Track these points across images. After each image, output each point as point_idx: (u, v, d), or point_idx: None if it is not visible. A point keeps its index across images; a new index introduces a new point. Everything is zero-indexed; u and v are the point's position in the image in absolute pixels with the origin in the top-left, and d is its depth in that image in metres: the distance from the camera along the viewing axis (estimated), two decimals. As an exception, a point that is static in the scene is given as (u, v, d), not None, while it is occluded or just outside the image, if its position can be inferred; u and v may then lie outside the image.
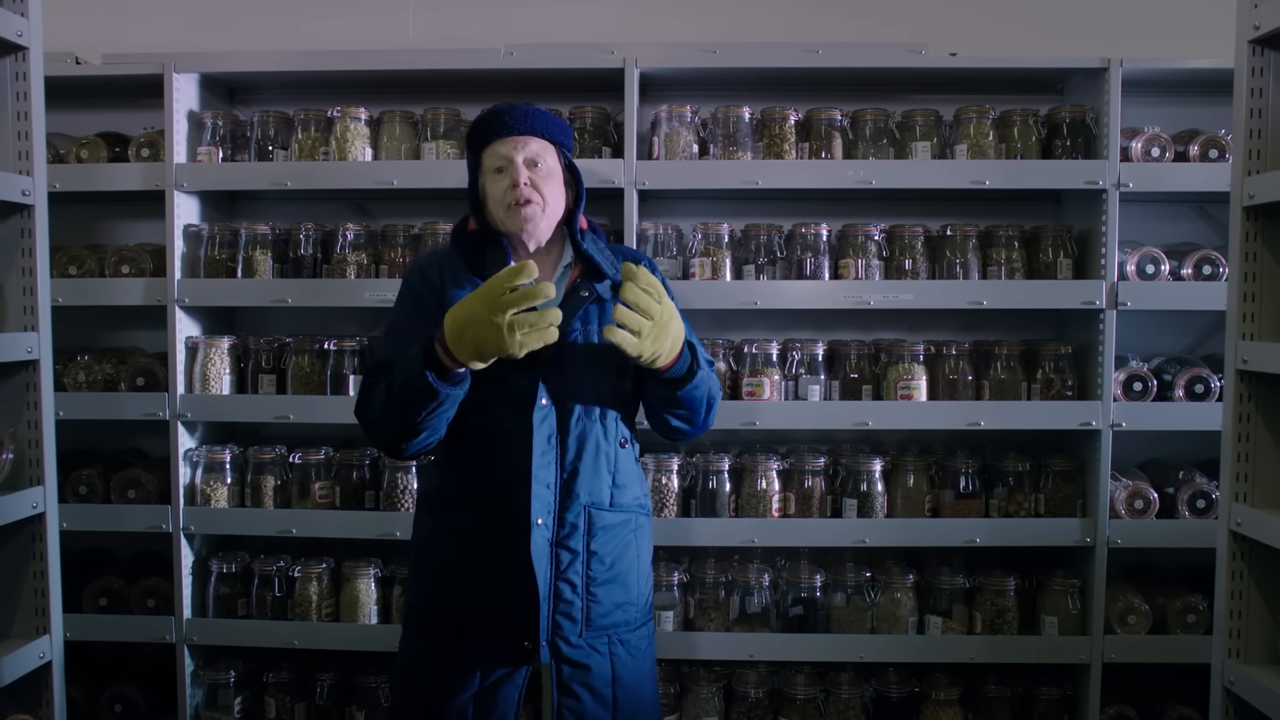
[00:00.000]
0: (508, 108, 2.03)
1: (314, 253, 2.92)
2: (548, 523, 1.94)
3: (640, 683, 2.04)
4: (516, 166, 1.97)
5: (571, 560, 1.95)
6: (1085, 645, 2.77)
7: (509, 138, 1.99)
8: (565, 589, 1.95)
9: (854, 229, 2.84)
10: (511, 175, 1.96)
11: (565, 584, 1.95)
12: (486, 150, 2.01)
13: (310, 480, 2.86)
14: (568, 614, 1.95)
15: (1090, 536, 2.77)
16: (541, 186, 1.98)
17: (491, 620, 1.95)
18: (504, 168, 1.98)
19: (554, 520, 1.94)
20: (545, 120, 2.03)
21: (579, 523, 1.96)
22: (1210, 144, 2.78)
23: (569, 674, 1.95)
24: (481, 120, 2.04)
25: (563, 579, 1.95)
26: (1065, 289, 2.77)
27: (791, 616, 2.81)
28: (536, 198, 1.97)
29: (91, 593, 2.91)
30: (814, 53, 2.84)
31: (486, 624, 1.96)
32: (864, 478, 2.81)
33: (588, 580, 1.97)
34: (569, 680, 1.95)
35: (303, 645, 2.83)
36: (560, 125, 2.07)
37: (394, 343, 1.99)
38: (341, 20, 3.23)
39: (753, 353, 2.82)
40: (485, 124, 2.03)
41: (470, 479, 1.99)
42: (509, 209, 1.97)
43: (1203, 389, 2.78)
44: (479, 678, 1.95)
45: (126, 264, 2.91)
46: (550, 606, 1.94)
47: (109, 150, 2.92)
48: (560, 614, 1.95)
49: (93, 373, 2.92)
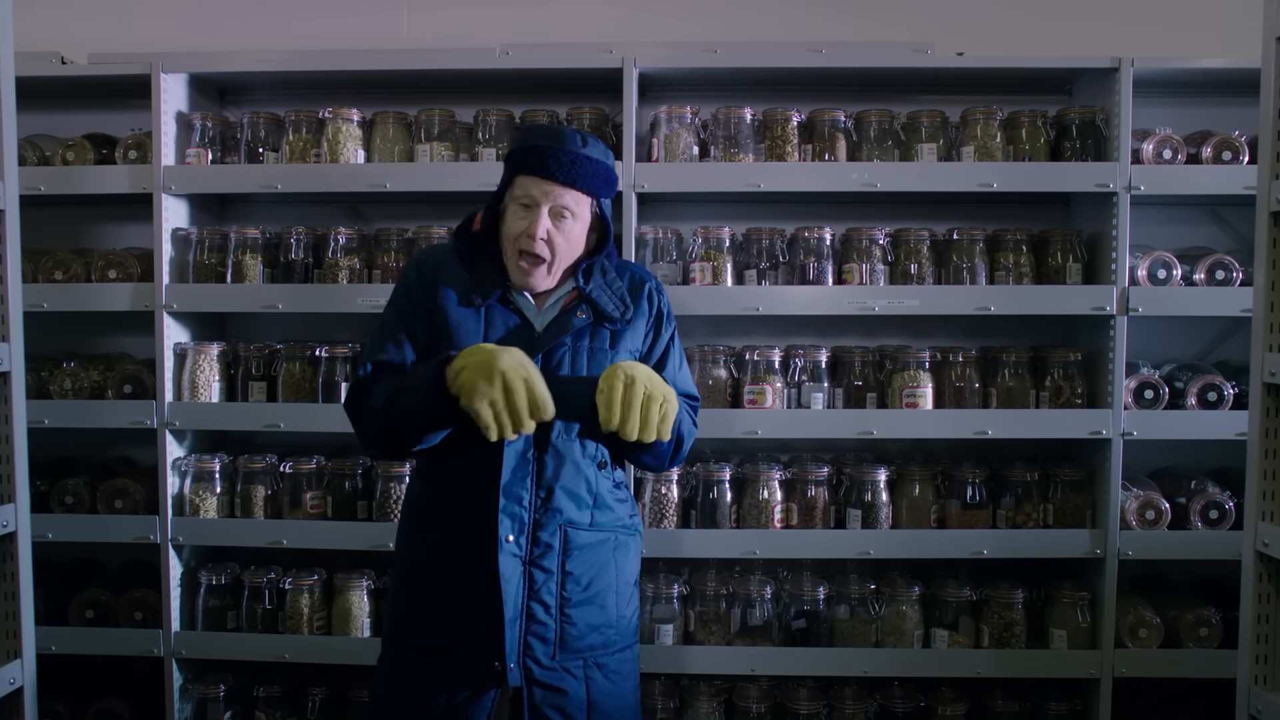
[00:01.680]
0: (556, 147, 1.88)
1: (305, 257, 2.86)
2: (520, 541, 1.89)
3: (619, 709, 1.98)
4: (539, 216, 1.88)
5: (545, 580, 1.91)
6: (1095, 659, 2.71)
7: (545, 182, 1.88)
8: (538, 609, 1.90)
9: (858, 233, 2.79)
10: (531, 225, 1.88)
11: (538, 604, 1.90)
12: (521, 177, 1.91)
13: (301, 490, 2.80)
14: (540, 635, 1.90)
15: (1100, 548, 2.71)
16: (557, 241, 1.90)
17: (460, 638, 1.91)
18: (529, 205, 1.90)
19: (528, 539, 1.90)
20: (590, 173, 1.89)
21: (554, 542, 1.92)
22: (1223, 146, 2.71)
23: (540, 697, 1.90)
24: (527, 147, 1.90)
25: (535, 599, 1.90)
26: (1075, 294, 2.71)
27: (794, 629, 2.76)
28: (546, 254, 1.90)
29: (78, 605, 2.86)
30: (817, 52, 2.79)
31: (455, 641, 1.92)
32: (868, 488, 2.75)
33: (561, 601, 1.92)
34: (540, 704, 1.90)
35: (294, 659, 2.78)
36: (604, 177, 1.93)
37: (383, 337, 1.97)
38: (334, 19, 3.17)
39: (754, 360, 2.76)
40: (528, 154, 1.89)
41: (444, 490, 1.95)
42: (517, 255, 1.91)
43: (1216, 397, 2.72)
44: (445, 698, 1.90)
45: (113, 268, 2.86)
46: (521, 627, 1.89)
47: (95, 152, 2.86)
48: (532, 635, 1.90)
49: (79, 380, 2.86)
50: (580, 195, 1.90)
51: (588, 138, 1.92)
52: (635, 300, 2.02)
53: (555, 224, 1.89)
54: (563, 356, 1.92)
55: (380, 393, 1.86)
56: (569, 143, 1.89)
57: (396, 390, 1.84)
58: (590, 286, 1.96)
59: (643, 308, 2.03)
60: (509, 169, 1.95)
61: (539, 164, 1.88)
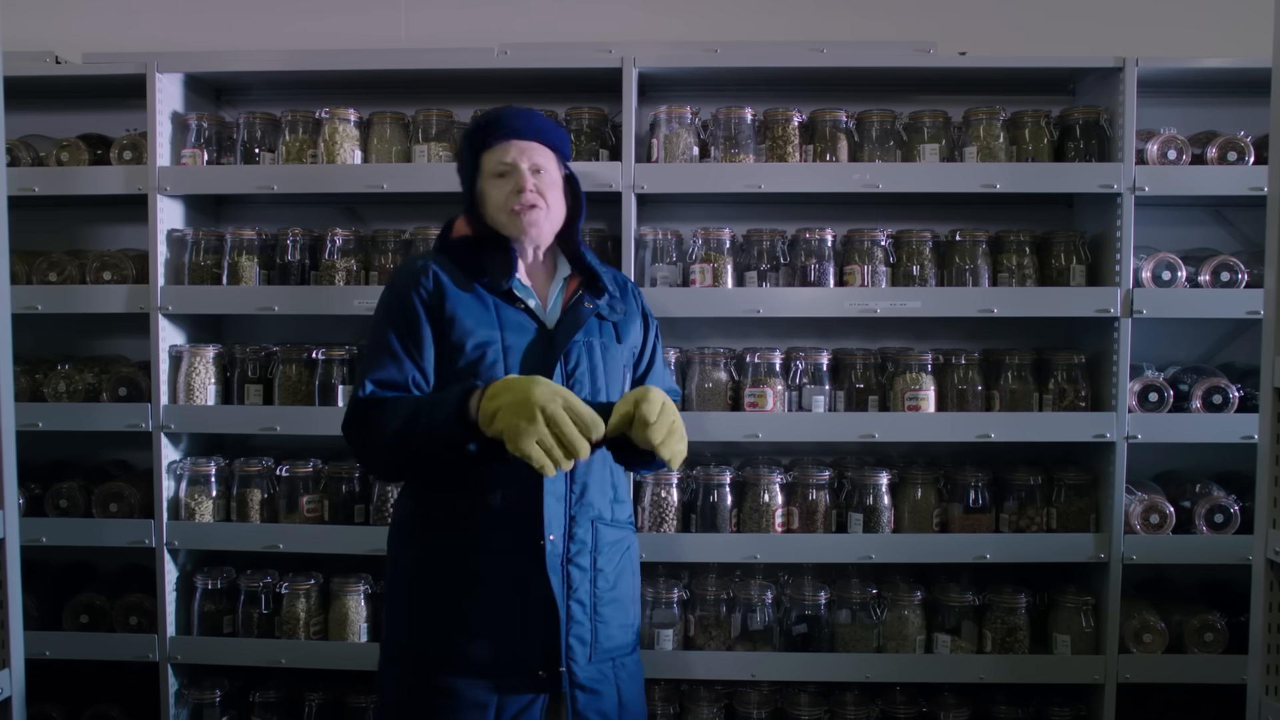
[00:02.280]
0: (510, 111, 1.99)
1: (302, 258, 2.84)
2: (559, 538, 1.85)
3: (639, 713, 1.97)
4: (522, 172, 1.93)
5: (581, 578, 1.88)
6: (1099, 665, 2.68)
7: (513, 141, 1.96)
8: (576, 609, 1.87)
9: (859, 234, 2.76)
10: (517, 180, 1.93)
11: (576, 604, 1.87)
12: (487, 153, 1.96)
13: (298, 493, 2.77)
14: (580, 637, 1.88)
15: (1104, 552, 2.68)
16: (545, 192, 1.95)
17: (502, 650, 1.84)
18: (507, 172, 1.94)
19: (564, 536, 1.86)
20: (548, 126, 2.01)
21: (587, 538, 1.90)
22: (1229, 146, 2.69)
23: (584, 702, 1.87)
24: (483, 122, 1.99)
25: (574, 599, 1.87)
26: (1078, 296, 2.69)
27: (795, 635, 2.73)
28: (541, 202, 1.94)
29: (73, 610, 2.83)
30: (818, 52, 2.77)
31: (497, 655, 1.84)
32: (870, 491, 2.72)
33: (594, 600, 1.90)
34: (584, 709, 1.86)
35: (290, 664, 2.74)
36: (561, 133, 2.05)
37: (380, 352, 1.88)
38: (332, 19, 3.14)
39: (755, 362, 2.74)
40: (487, 126, 1.98)
41: (468, 495, 1.87)
42: (512, 214, 1.92)
43: (1221, 399, 2.69)
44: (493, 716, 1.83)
45: (108, 270, 2.83)
46: (565, 629, 1.85)
47: (90, 153, 2.83)
48: (574, 637, 1.87)
49: (73, 382, 2.83)
50: (548, 151, 1.98)
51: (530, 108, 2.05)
52: (623, 295, 2.07)
53: (535, 179, 1.95)
54: (579, 355, 1.92)
55: (390, 425, 1.77)
56: (516, 108, 2.01)
57: (409, 426, 1.74)
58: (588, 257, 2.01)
59: (631, 305, 2.08)
60: (470, 154, 1.99)
61: (500, 129, 1.96)
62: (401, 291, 1.91)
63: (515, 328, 1.90)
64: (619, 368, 1.98)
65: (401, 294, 1.91)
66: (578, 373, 1.91)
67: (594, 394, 1.92)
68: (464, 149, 2.00)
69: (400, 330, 1.89)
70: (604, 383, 1.94)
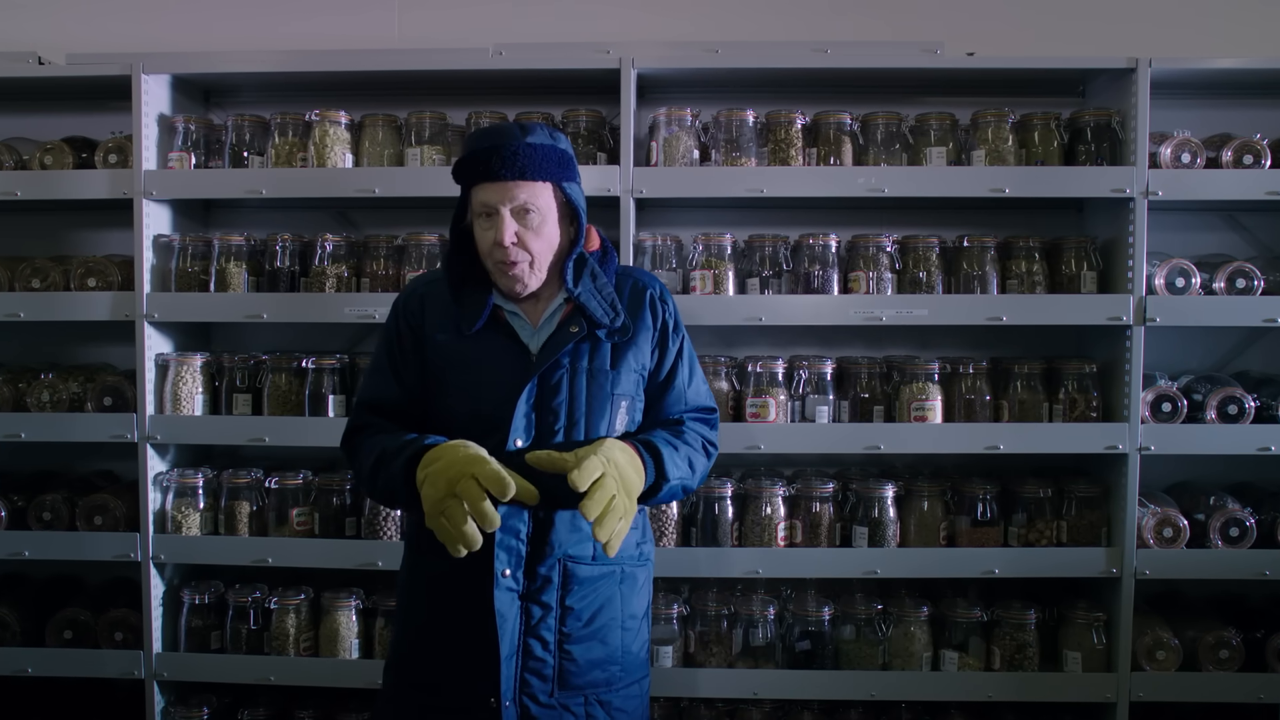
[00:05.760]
0: (494, 146, 1.79)
1: (291, 265, 2.77)
2: (516, 575, 1.82)
3: None
4: (503, 221, 1.79)
5: (544, 615, 1.83)
6: (1111, 683, 2.62)
7: (496, 184, 1.79)
8: (535, 645, 1.83)
9: (864, 240, 2.70)
10: (497, 233, 1.79)
11: (536, 640, 1.83)
12: (475, 189, 1.82)
13: (288, 506, 2.71)
14: (538, 672, 1.82)
15: (1116, 567, 2.61)
16: (530, 241, 1.81)
17: (455, 672, 1.84)
18: (490, 214, 1.81)
19: (521, 572, 1.82)
20: (537, 160, 1.80)
21: (553, 576, 1.84)
22: (1244, 149, 2.62)
23: None
24: (469, 157, 1.82)
25: (533, 635, 1.83)
26: (1089, 304, 2.62)
27: (798, 651, 2.67)
28: (523, 257, 1.81)
29: (56, 625, 2.77)
30: (822, 52, 2.71)
31: (450, 676, 1.84)
32: (875, 504, 2.66)
33: (561, 637, 1.84)
34: None
35: (280, 681, 2.69)
36: (557, 160, 1.83)
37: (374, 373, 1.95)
38: (322, 19, 3.08)
39: (757, 371, 2.67)
40: (471, 163, 1.81)
41: None
42: (496, 265, 1.83)
43: (1236, 410, 2.62)
44: None
45: (93, 276, 2.77)
46: (518, 664, 1.82)
47: (75, 156, 2.77)
48: (529, 671, 1.82)
49: (57, 392, 2.77)
50: (536, 185, 1.80)
51: (529, 126, 1.84)
52: (636, 310, 1.93)
53: (521, 223, 1.80)
54: (560, 379, 1.84)
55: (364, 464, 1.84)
56: (508, 138, 1.80)
57: (374, 472, 1.80)
58: (579, 290, 1.86)
59: (645, 320, 1.94)
60: (462, 184, 1.87)
61: (484, 168, 1.79)
62: (395, 313, 1.97)
63: (495, 353, 1.86)
64: (608, 396, 1.87)
65: (394, 316, 1.97)
66: (554, 402, 1.83)
67: (570, 425, 1.84)
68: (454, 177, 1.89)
69: (392, 351, 1.94)
70: (583, 412, 1.85)
